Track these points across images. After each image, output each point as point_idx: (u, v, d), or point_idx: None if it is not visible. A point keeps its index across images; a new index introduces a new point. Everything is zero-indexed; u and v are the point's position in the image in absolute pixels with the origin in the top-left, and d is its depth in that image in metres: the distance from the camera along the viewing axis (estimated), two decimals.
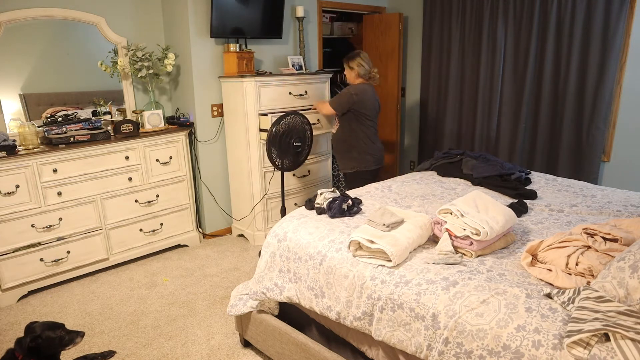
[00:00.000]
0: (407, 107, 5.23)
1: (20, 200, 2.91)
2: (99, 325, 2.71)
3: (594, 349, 1.22)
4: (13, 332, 2.65)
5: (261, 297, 2.20)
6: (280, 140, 3.29)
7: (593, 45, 3.64)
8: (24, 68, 3.20)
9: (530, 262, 1.71)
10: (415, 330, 1.58)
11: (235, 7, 3.62)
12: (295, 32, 4.25)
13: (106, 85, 3.59)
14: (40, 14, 3.19)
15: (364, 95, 3.35)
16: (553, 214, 2.34)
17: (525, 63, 4.05)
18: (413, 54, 5.04)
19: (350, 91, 3.36)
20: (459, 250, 1.85)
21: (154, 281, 3.24)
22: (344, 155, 3.54)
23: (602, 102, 3.65)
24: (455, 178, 3.03)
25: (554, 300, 1.46)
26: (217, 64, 3.79)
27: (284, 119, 3.27)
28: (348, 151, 3.50)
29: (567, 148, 3.93)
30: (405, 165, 5.44)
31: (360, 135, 3.43)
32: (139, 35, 3.68)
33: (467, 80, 4.50)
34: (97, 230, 3.29)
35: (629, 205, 2.41)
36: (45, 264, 3.08)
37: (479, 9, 4.28)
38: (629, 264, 1.40)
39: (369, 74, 3.44)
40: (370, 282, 1.74)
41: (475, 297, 1.52)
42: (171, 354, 2.42)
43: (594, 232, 1.75)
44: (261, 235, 3.85)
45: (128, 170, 3.37)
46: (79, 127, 3.26)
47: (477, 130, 4.49)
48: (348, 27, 5.89)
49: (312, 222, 2.21)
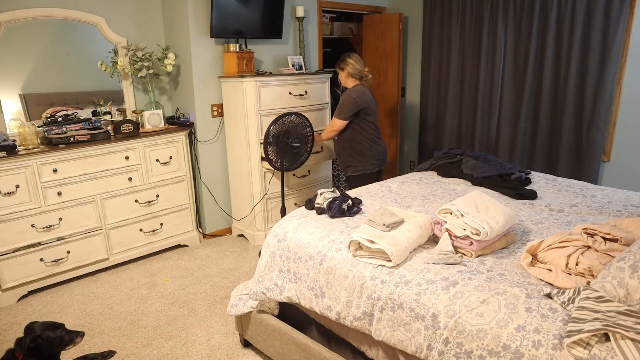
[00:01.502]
0: (407, 107, 5.23)
1: (20, 200, 2.91)
2: (99, 325, 2.71)
3: (594, 349, 1.22)
4: (13, 332, 2.65)
5: (261, 297, 2.20)
6: (277, 140, 3.30)
7: (593, 45, 3.64)
8: (24, 68, 3.20)
9: (530, 262, 1.71)
10: (415, 330, 1.58)
11: (235, 7, 3.62)
12: (295, 32, 4.25)
13: (106, 85, 3.59)
14: (40, 14, 3.19)
15: (365, 96, 3.32)
16: (553, 214, 2.34)
17: (525, 63, 4.05)
18: (413, 54, 5.04)
19: (352, 95, 3.29)
20: (459, 250, 1.85)
21: (154, 281, 3.24)
22: (348, 159, 3.48)
23: (602, 102, 3.65)
24: (455, 178, 3.03)
25: (554, 300, 1.46)
26: (217, 64, 3.79)
27: (281, 119, 3.27)
28: (352, 155, 3.44)
29: (567, 148, 3.93)
30: (405, 165, 5.44)
31: (363, 137, 3.39)
32: (139, 35, 3.68)
33: (467, 80, 4.50)
34: (97, 230, 3.29)
35: (629, 205, 2.41)
36: (45, 264, 3.08)
37: (479, 9, 4.28)
38: (629, 264, 1.40)
39: (361, 73, 3.38)
40: (370, 282, 1.74)
41: (475, 297, 1.52)
42: (171, 354, 2.43)
43: (594, 232, 1.75)
44: (261, 235, 3.85)
45: (128, 170, 3.37)
46: (79, 127, 3.26)
47: (477, 130, 4.49)
48: (348, 27, 5.90)
49: (312, 222, 2.21)
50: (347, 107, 3.30)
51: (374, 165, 3.44)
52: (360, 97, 3.29)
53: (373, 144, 3.41)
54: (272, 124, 3.25)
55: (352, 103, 3.28)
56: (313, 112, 3.98)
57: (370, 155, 3.41)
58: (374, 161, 3.44)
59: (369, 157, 3.41)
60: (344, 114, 3.32)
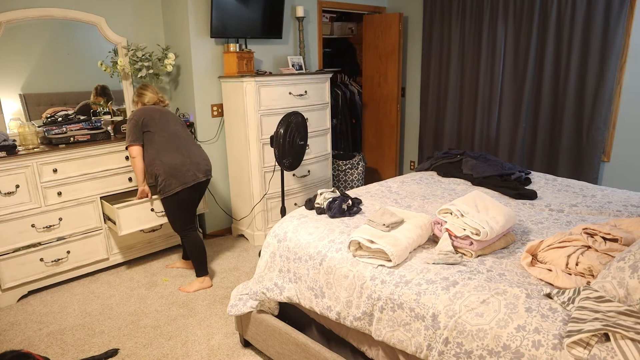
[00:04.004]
0: (407, 107, 5.23)
1: (20, 200, 2.91)
2: (99, 325, 2.71)
3: (594, 349, 1.22)
4: (13, 332, 2.65)
5: (261, 297, 2.20)
6: (285, 139, 3.27)
7: (593, 45, 3.64)
8: (24, 68, 3.20)
9: (530, 262, 1.71)
10: (415, 330, 1.58)
11: (235, 7, 3.62)
12: (295, 32, 4.25)
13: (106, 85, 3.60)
14: (40, 14, 3.19)
15: (143, 113, 2.92)
16: (553, 214, 2.35)
17: (525, 63, 4.05)
18: (413, 54, 5.03)
19: (134, 118, 2.91)
20: (459, 250, 1.85)
21: (154, 281, 3.24)
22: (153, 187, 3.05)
23: (602, 102, 3.65)
24: (455, 178, 3.03)
25: (554, 300, 1.46)
26: (217, 64, 3.79)
27: (290, 118, 3.25)
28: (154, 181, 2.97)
29: (567, 148, 3.93)
30: (405, 165, 5.45)
31: (150, 158, 2.93)
32: (139, 35, 3.68)
33: (467, 80, 4.50)
34: (97, 230, 3.29)
35: (629, 205, 2.41)
36: (45, 264, 3.08)
37: (479, 9, 4.28)
38: (629, 264, 1.40)
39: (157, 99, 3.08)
40: (370, 282, 1.74)
41: (475, 297, 1.52)
42: (171, 354, 2.43)
43: (594, 232, 1.75)
44: (261, 235, 3.85)
45: (128, 170, 3.37)
46: (79, 127, 3.26)
47: (477, 130, 4.49)
48: (348, 27, 5.90)
49: (312, 222, 2.21)
50: (129, 130, 2.91)
51: (175, 184, 2.90)
52: (139, 115, 2.92)
53: (159, 162, 2.89)
54: (281, 125, 3.21)
55: (132, 126, 2.90)
56: (313, 112, 3.99)
57: (165, 174, 2.89)
58: (173, 180, 2.89)
59: (162, 178, 2.90)
60: (130, 139, 2.90)
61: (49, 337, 2.60)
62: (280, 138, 3.19)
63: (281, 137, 3.19)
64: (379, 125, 5.25)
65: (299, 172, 3.99)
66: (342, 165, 4.74)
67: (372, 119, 5.32)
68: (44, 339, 2.59)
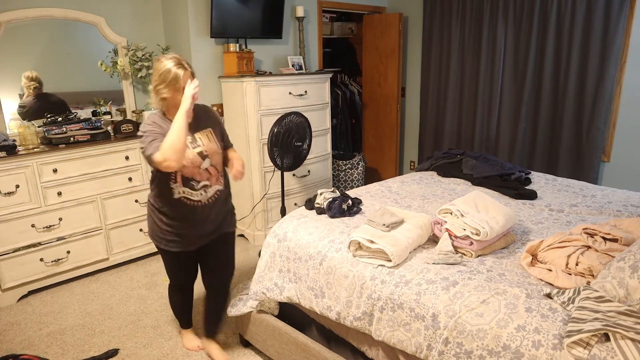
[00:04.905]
0: (407, 107, 5.23)
1: (20, 200, 2.91)
2: (99, 325, 2.71)
3: (594, 349, 1.22)
4: (13, 332, 2.65)
5: (261, 297, 2.20)
6: (281, 140, 3.28)
7: (593, 45, 3.64)
8: (24, 68, 3.20)
9: (530, 262, 1.71)
10: (415, 330, 1.58)
11: (235, 7, 3.62)
12: (295, 32, 4.25)
13: (106, 85, 3.59)
14: (40, 14, 3.19)
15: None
16: (553, 214, 2.35)
17: (525, 63, 4.05)
18: (413, 54, 5.03)
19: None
20: (459, 250, 1.85)
21: (154, 281, 3.24)
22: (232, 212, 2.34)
23: (602, 102, 3.65)
24: (455, 178, 3.03)
25: (554, 300, 1.46)
26: (217, 64, 3.79)
27: (285, 119, 3.26)
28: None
29: (567, 148, 3.93)
30: (405, 165, 5.45)
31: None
32: (139, 35, 3.68)
33: (467, 80, 4.50)
34: (97, 230, 3.29)
35: (629, 205, 2.41)
36: (45, 264, 3.07)
37: (479, 9, 4.28)
38: (629, 264, 1.40)
39: None
40: (370, 282, 1.74)
41: (475, 297, 1.52)
42: (171, 354, 2.42)
43: (594, 232, 1.75)
44: (261, 235, 3.85)
45: (128, 170, 3.36)
46: (79, 127, 3.26)
47: (477, 130, 4.49)
48: (348, 27, 5.90)
49: (312, 222, 2.21)
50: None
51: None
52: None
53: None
54: (276, 125, 3.22)
55: None
56: (313, 112, 3.98)
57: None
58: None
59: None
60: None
61: (49, 337, 2.60)
62: (273, 137, 3.21)
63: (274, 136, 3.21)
64: (379, 125, 5.25)
65: (299, 172, 3.99)
66: (342, 165, 4.74)
67: (372, 119, 5.32)
68: (44, 339, 2.59)
